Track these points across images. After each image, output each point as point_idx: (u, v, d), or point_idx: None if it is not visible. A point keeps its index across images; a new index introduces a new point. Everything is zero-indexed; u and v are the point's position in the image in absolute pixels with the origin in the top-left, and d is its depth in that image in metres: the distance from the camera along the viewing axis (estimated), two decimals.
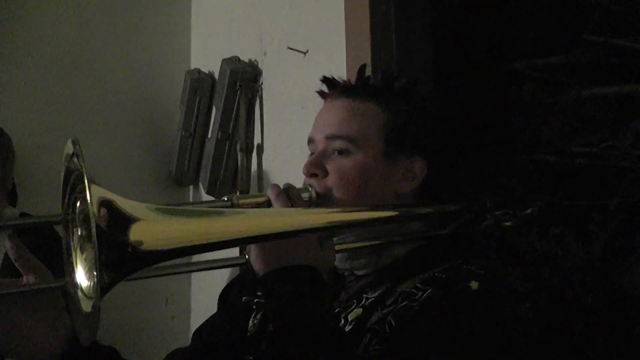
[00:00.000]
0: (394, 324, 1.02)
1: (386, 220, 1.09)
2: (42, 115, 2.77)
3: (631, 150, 2.84)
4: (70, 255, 0.94)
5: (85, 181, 0.87)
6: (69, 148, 0.96)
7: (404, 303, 1.03)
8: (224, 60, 2.45)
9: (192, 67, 2.89)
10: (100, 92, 2.87)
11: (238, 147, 2.36)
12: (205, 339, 1.25)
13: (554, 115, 3.02)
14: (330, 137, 1.13)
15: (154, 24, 2.99)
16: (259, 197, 1.06)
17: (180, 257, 0.93)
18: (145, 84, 2.94)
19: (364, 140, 1.12)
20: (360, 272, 1.14)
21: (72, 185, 0.97)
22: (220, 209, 1.02)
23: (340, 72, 1.88)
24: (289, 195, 1.05)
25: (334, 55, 1.94)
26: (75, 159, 0.95)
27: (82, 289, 0.91)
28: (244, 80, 2.36)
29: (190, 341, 1.27)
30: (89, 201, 0.84)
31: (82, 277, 0.91)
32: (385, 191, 1.14)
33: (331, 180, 1.11)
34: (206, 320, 1.31)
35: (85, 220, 0.92)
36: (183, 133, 2.69)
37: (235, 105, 2.39)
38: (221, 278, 2.16)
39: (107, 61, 2.89)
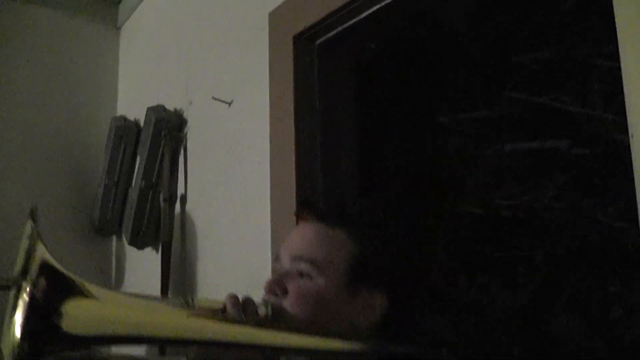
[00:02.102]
0: None
1: (334, 353, 1.06)
2: None
3: (554, 203, 2.91)
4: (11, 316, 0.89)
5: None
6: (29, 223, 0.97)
7: None
8: (149, 108, 2.42)
9: (118, 113, 2.85)
10: (22, 135, 2.79)
11: (161, 197, 2.32)
12: None
13: (478, 169, 3.09)
14: (295, 258, 1.14)
15: (81, 69, 2.96)
16: (215, 302, 1.05)
17: (109, 344, 0.91)
18: (69, 129, 2.88)
19: (328, 266, 1.12)
20: None
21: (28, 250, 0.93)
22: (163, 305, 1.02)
23: (264, 124, 1.90)
24: (245, 308, 1.04)
25: (258, 106, 1.94)
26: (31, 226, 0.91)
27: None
28: (168, 129, 2.34)
29: None
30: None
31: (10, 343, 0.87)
32: (342, 321, 1.12)
33: (288, 301, 1.10)
34: None
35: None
36: (107, 181, 2.64)
37: (160, 154, 2.36)
38: None
39: (31, 104, 2.83)
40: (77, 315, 0.87)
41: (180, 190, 2.33)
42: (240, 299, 1.05)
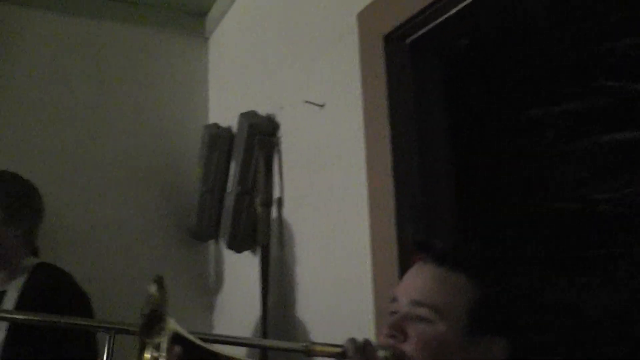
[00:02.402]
0: None
1: None
2: (60, 175, 2.81)
3: None
4: None
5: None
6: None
7: None
8: (241, 114, 2.47)
9: (210, 121, 2.92)
10: (119, 149, 2.91)
11: (257, 201, 2.36)
12: None
13: (573, 163, 3.00)
14: (415, 303, 1.13)
15: (172, 81, 3.04)
16: (335, 348, 1.08)
17: None
18: (163, 139, 2.97)
19: (449, 312, 1.11)
20: None
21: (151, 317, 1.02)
22: None
23: (358, 125, 1.90)
24: (365, 351, 1.06)
25: (351, 108, 1.94)
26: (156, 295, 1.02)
27: None
28: (262, 134, 2.38)
29: None
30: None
31: None
32: None
33: (409, 346, 1.10)
34: None
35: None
36: (202, 188, 2.70)
37: (254, 160, 2.40)
38: None
39: (126, 119, 2.94)
40: None
41: (275, 193, 2.36)
42: (360, 342, 1.07)
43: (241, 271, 2.62)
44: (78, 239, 2.81)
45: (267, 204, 2.34)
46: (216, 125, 2.76)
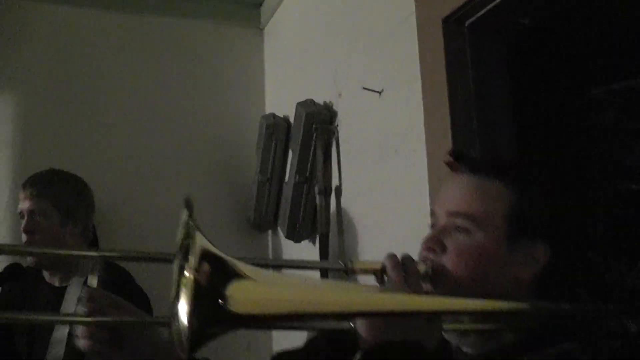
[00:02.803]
0: None
1: (496, 313, 1.04)
2: (121, 168, 2.85)
3: None
4: (177, 296, 0.94)
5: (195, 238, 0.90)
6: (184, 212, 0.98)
7: None
8: (298, 103, 2.46)
9: (267, 112, 2.93)
10: (177, 141, 2.94)
11: (316, 190, 2.35)
12: None
13: (635, 141, 2.91)
14: (452, 214, 1.11)
15: (228, 72, 3.06)
16: (375, 264, 1.05)
17: (285, 322, 0.93)
18: (221, 131, 2.99)
19: (486, 220, 1.09)
20: (466, 349, 1.11)
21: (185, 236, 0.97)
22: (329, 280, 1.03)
23: (417, 111, 1.87)
24: (405, 266, 1.03)
25: (410, 94, 1.92)
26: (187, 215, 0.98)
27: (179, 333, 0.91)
28: (319, 122, 2.37)
29: None
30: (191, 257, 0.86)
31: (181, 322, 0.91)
32: (504, 275, 1.09)
33: (448, 258, 1.08)
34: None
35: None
36: (260, 178, 2.71)
37: (312, 148, 2.40)
38: None
39: (184, 111, 2.97)
40: (240, 296, 0.89)
41: (334, 182, 2.35)
42: (400, 258, 1.04)
43: None
44: (137, 231, 2.86)
45: (326, 192, 2.33)
46: (273, 115, 2.76)
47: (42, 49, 2.84)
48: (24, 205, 2.19)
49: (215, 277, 0.89)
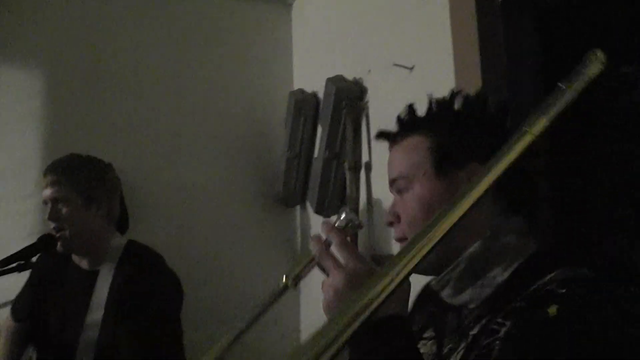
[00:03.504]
0: None
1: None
2: (149, 144, 2.88)
3: None
4: None
5: None
6: None
7: (488, 341, 1.01)
8: (328, 79, 2.47)
9: (295, 87, 2.93)
10: (205, 117, 2.95)
11: (346, 166, 2.36)
12: None
13: None
14: (392, 183, 1.20)
15: (255, 47, 3.06)
16: (306, 258, 1.10)
17: None
18: (249, 107, 3.00)
19: (414, 172, 1.16)
20: (471, 306, 1.12)
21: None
22: None
23: (448, 86, 1.86)
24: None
25: (441, 70, 1.91)
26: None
27: None
28: (349, 98, 2.37)
29: None
30: None
31: None
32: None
33: (402, 222, 1.16)
34: None
35: None
36: (289, 154, 2.72)
37: (342, 124, 2.40)
38: None
39: (212, 87, 2.98)
40: None
41: (364, 158, 2.36)
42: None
43: None
44: (166, 208, 2.88)
45: (356, 168, 2.34)
46: (301, 91, 2.77)
47: (71, 24, 2.85)
48: (46, 193, 2.20)
49: None
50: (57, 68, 2.85)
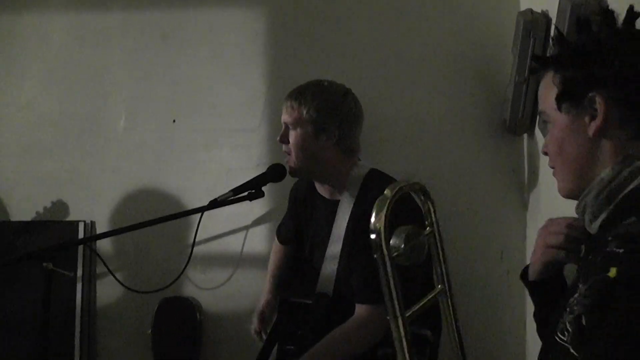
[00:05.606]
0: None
1: None
2: (374, 73, 2.88)
3: None
4: None
5: None
6: None
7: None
8: None
9: (523, 7, 2.72)
10: (430, 40, 2.88)
11: None
12: None
13: None
14: (540, 115, 1.35)
15: None
16: None
17: None
18: (473, 30, 2.86)
19: (551, 108, 1.25)
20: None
21: None
22: None
23: None
24: None
25: None
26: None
27: None
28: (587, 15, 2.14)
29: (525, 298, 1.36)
30: None
31: None
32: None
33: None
34: None
35: None
36: (517, 79, 2.56)
37: None
38: None
39: (437, 8, 2.88)
40: None
41: None
42: None
43: None
44: (392, 135, 2.87)
45: None
46: (531, 11, 2.56)
47: None
48: (284, 117, 2.27)
49: None
50: (277, 6, 2.95)
